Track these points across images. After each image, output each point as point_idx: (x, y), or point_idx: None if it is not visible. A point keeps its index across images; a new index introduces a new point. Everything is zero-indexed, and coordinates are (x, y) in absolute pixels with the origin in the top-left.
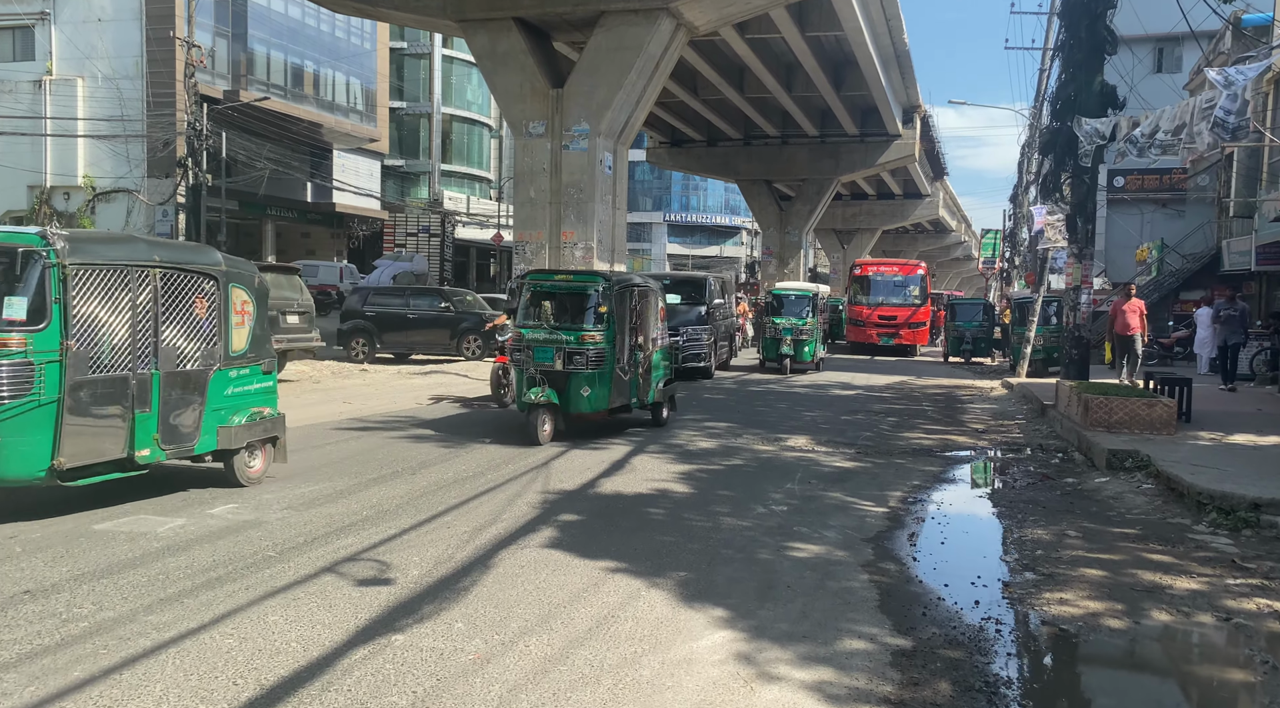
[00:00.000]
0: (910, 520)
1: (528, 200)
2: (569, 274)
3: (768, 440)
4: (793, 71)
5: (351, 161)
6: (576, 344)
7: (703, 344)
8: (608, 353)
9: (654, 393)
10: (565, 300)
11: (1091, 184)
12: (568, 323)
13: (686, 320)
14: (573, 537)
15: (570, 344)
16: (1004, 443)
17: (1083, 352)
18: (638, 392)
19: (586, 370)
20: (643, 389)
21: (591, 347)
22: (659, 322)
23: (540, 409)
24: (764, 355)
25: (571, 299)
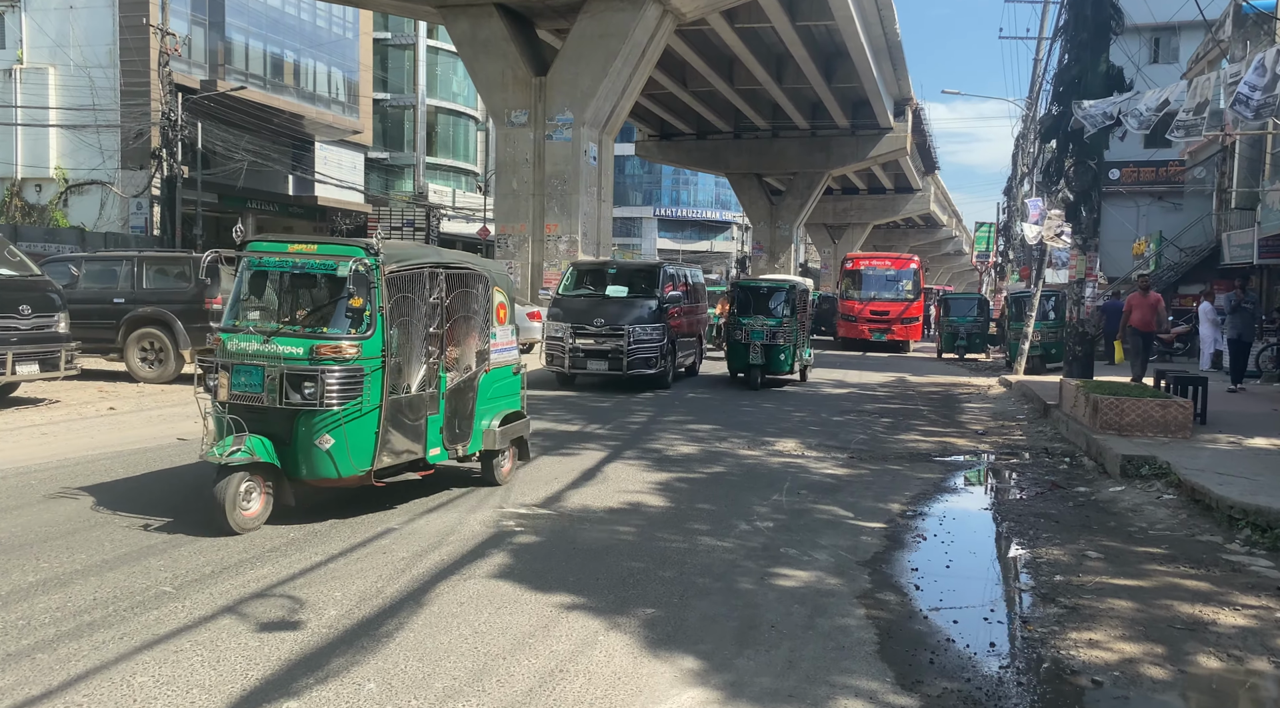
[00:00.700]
0: (910, 539)
1: (510, 192)
2: (311, 243)
3: (753, 444)
4: (783, 63)
5: (334, 154)
6: (306, 361)
7: (653, 346)
8: (369, 376)
9: (478, 437)
10: (302, 287)
11: (1097, 171)
12: (309, 325)
13: (633, 317)
14: (527, 563)
15: (294, 361)
16: (1007, 446)
17: (1087, 348)
18: (446, 434)
19: (321, 409)
20: (455, 431)
21: (333, 367)
22: (493, 325)
23: (237, 474)
24: (730, 365)
25: (309, 284)
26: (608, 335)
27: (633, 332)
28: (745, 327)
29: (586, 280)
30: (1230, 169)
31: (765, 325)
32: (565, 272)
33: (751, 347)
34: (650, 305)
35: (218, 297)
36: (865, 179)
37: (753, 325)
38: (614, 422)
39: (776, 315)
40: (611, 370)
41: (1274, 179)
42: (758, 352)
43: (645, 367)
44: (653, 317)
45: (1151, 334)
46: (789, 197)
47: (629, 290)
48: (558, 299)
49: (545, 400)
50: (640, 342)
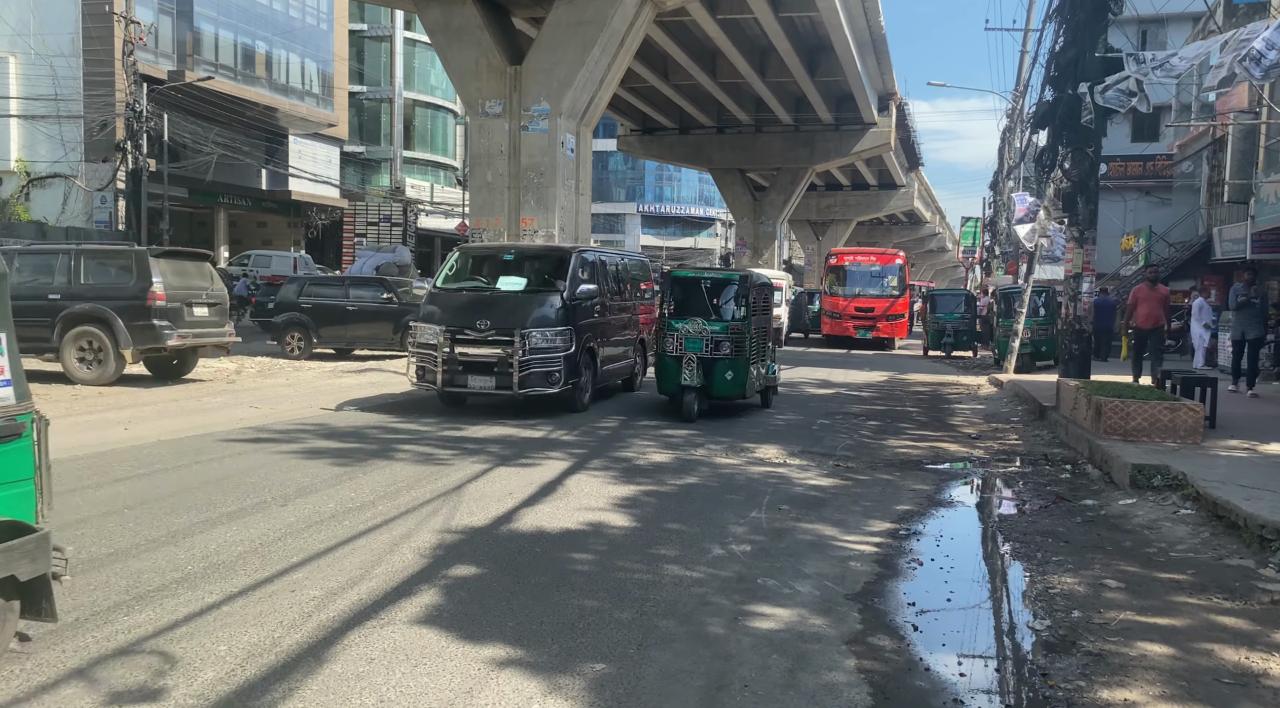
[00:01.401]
0: (904, 564)
1: (485, 185)
2: None
3: (732, 451)
4: (766, 56)
5: (309, 148)
6: None
7: (554, 357)
8: None
9: None
10: None
11: (1094, 159)
12: None
13: (531, 317)
14: (461, 603)
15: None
16: (1003, 452)
17: (1084, 347)
18: None
19: None
20: None
21: None
22: None
23: None
24: (659, 386)
25: None
26: (494, 342)
27: (529, 337)
28: (678, 333)
29: (476, 270)
30: (1221, 162)
31: (706, 333)
32: (448, 258)
33: (685, 362)
34: (554, 303)
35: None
36: (849, 175)
37: (689, 332)
38: (581, 427)
39: (723, 318)
40: (500, 389)
41: (1268, 171)
42: (694, 369)
43: (545, 383)
44: (558, 318)
45: (1160, 331)
46: (772, 192)
47: (529, 283)
48: (434, 293)
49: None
50: (539, 351)
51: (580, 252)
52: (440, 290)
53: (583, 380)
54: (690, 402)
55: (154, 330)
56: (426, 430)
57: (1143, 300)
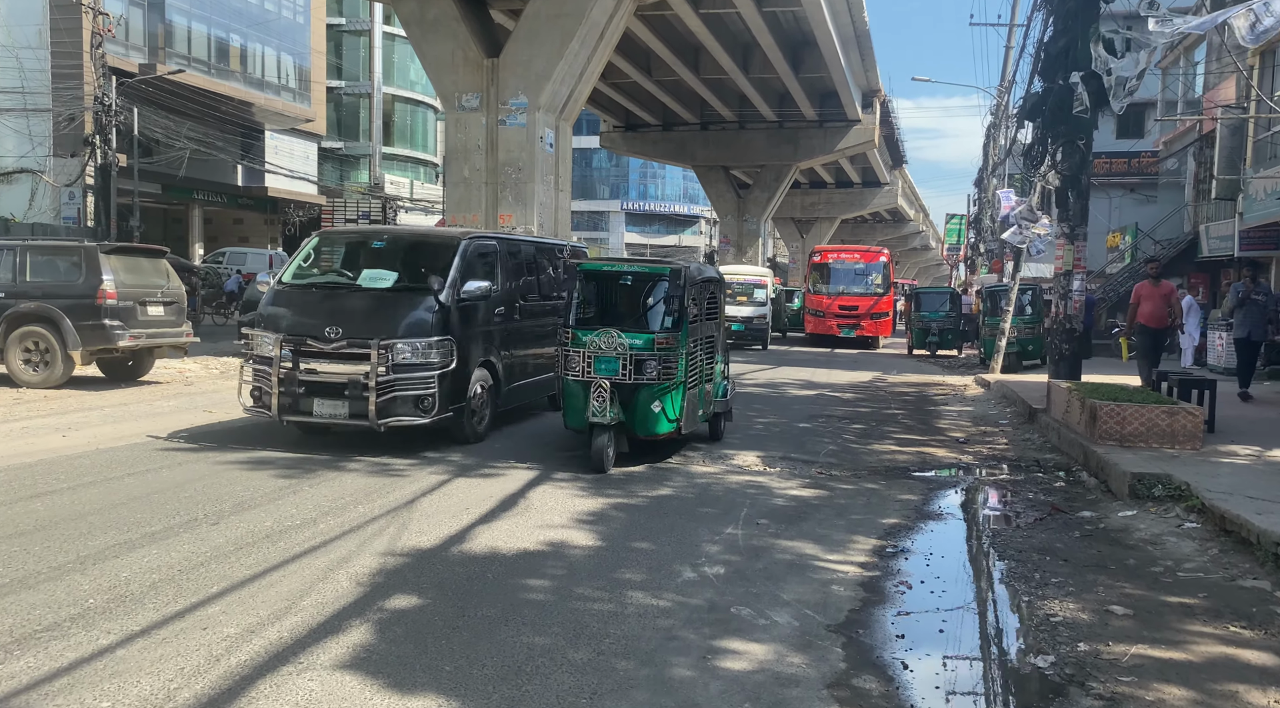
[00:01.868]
0: (892, 588)
1: (461, 180)
2: None
3: (710, 458)
4: (750, 52)
5: (285, 143)
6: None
7: (426, 377)
8: None
9: None
10: None
11: (1085, 152)
12: None
13: (397, 324)
14: (394, 642)
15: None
16: (992, 458)
17: (1075, 347)
18: None
19: None
20: None
21: None
22: None
23: None
24: (565, 419)
25: None
26: (347, 356)
27: (392, 350)
28: (585, 349)
29: (340, 262)
30: (1208, 159)
31: (623, 348)
32: (303, 245)
33: (595, 389)
34: (428, 305)
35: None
36: (833, 173)
37: (600, 348)
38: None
39: (649, 328)
40: (353, 418)
41: (1257, 167)
42: (606, 399)
43: (414, 411)
44: (434, 324)
45: (1164, 332)
46: (756, 190)
47: (400, 279)
48: (278, 291)
49: None
50: (405, 368)
51: (475, 238)
52: (286, 287)
53: (476, 403)
54: (602, 446)
55: (105, 330)
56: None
57: (1145, 298)
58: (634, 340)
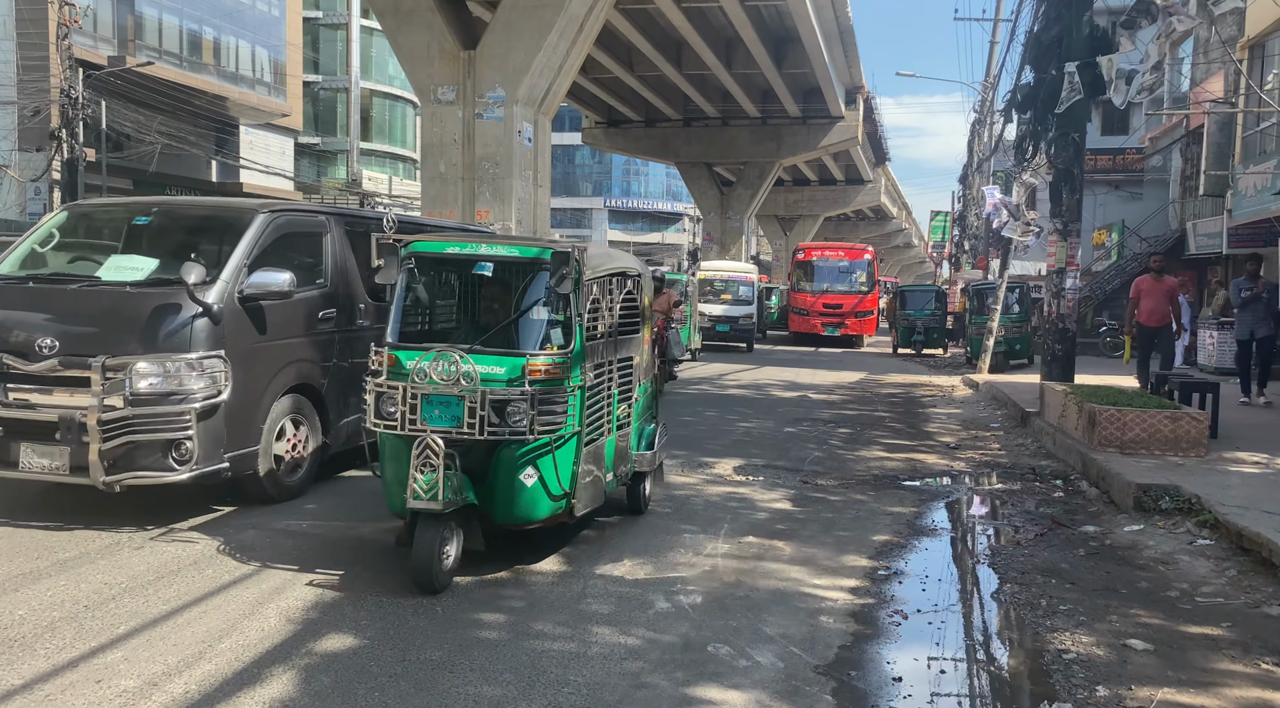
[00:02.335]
0: (885, 618)
1: (437, 175)
2: None
3: (688, 466)
4: (733, 47)
5: (261, 138)
6: None
7: (185, 408)
8: None
9: None
10: None
11: (1080, 144)
12: None
13: (140, 335)
14: (320, 696)
15: None
16: (986, 465)
17: (1068, 347)
18: None
19: None
20: None
21: None
22: None
23: None
24: (387, 495)
25: None
26: (63, 380)
27: (129, 373)
28: (407, 384)
29: (80, 244)
30: (1195, 155)
31: (471, 383)
32: (44, 220)
33: (421, 452)
34: (186, 308)
35: None
36: (816, 170)
37: (431, 380)
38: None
39: (515, 348)
40: (76, 472)
41: (1246, 163)
42: (434, 467)
43: (162, 463)
44: (201, 335)
45: (1167, 331)
46: (739, 187)
47: (159, 269)
48: None
49: None
50: (149, 400)
51: (281, 211)
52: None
53: (285, 447)
54: (427, 549)
55: None
56: None
57: (1146, 294)
58: (490, 369)
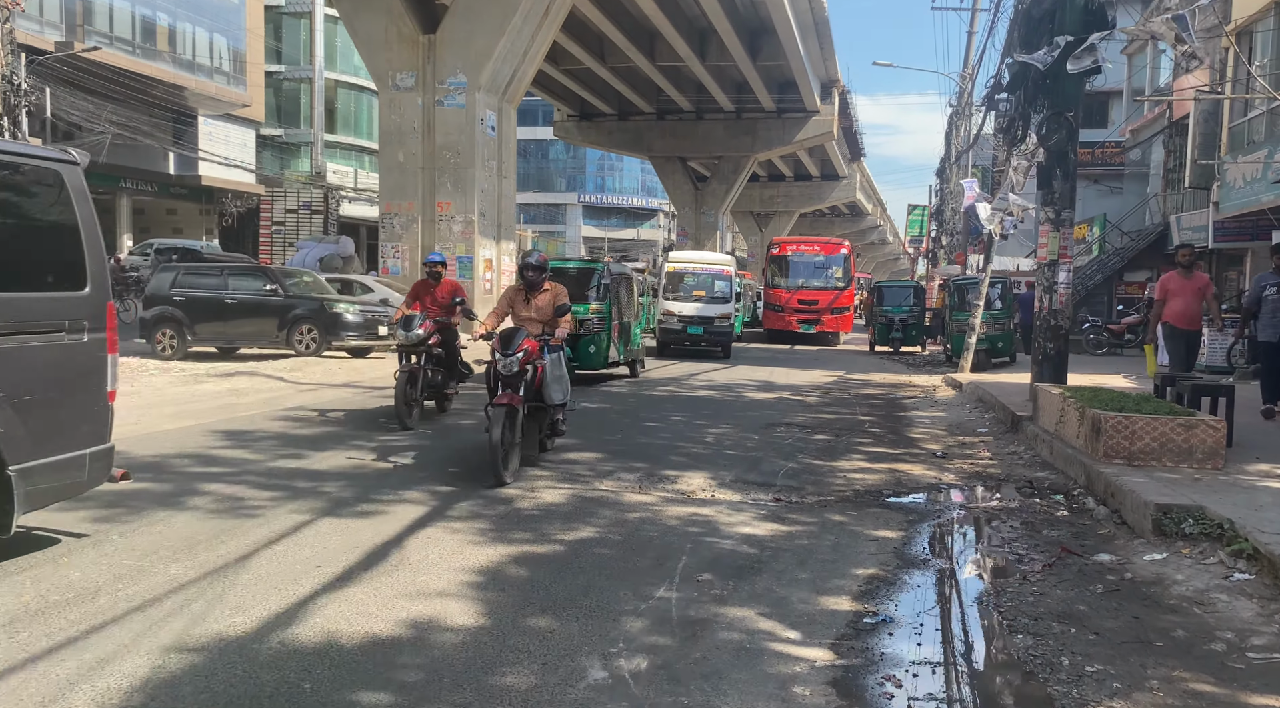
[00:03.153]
0: (874, 689)
1: (396, 165)
2: None
3: (648, 482)
4: (706, 38)
5: (221, 129)
6: None
7: None
8: None
9: None
10: None
11: (1073, 126)
12: None
13: None
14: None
15: None
16: (977, 476)
17: (1060, 345)
18: None
19: None
20: None
21: None
22: None
23: None
24: None
25: None
26: None
27: None
28: None
29: None
30: (1178, 147)
31: None
32: None
33: None
34: None
35: None
36: (792, 166)
37: None
38: (478, 442)
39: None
40: None
41: (1234, 153)
42: None
43: None
44: None
45: (1198, 335)
46: (714, 181)
47: None
48: None
49: None
50: None
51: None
52: None
53: None
54: None
55: None
56: (255, 460)
57: (1175, 293)
58: None
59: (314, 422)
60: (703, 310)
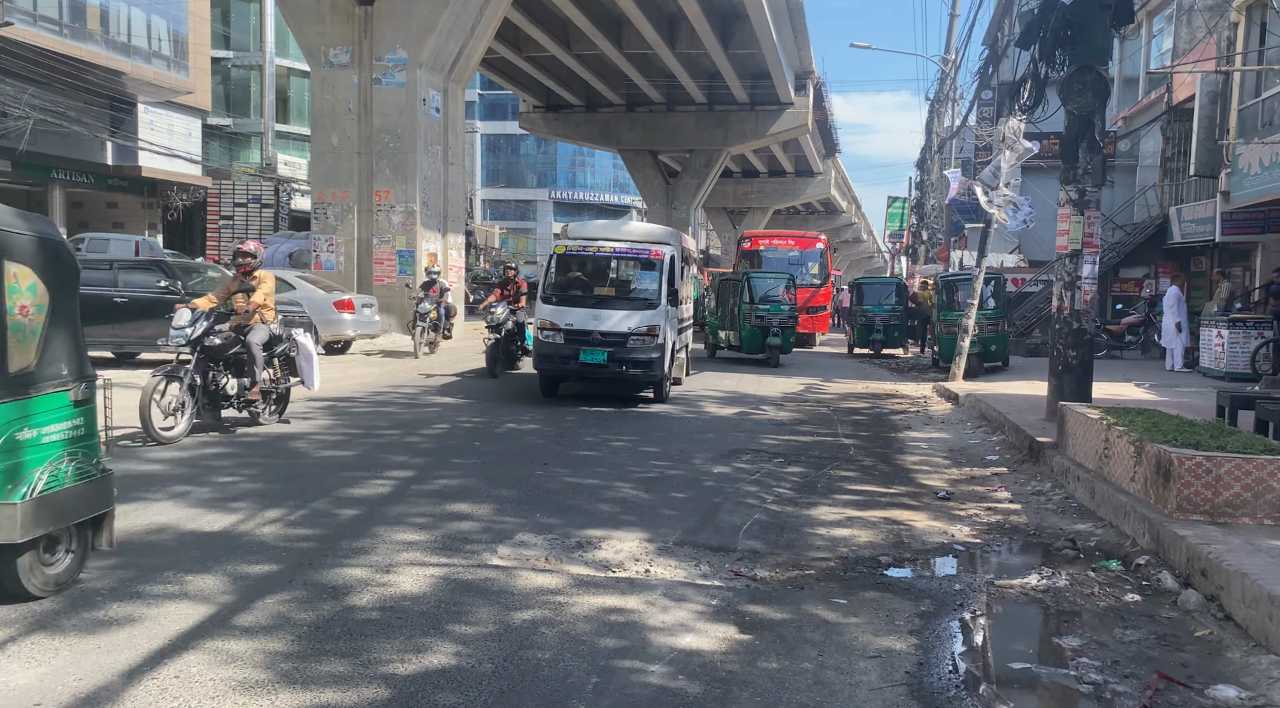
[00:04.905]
0: None
1: (329, 149)
2: None
3: (560, 549)
4: (676, 24)
5: (163, 118)
6: None
7: None
8: None
9: None
10: None
11: (1102, 82)
12: None
13: None
14: None
15: None
16: (1000, 530)
17: (1084, 353)
18: None
19: None
20: None
21: None
22: None
23: None
24: None
25: None
26: None
27: None
28: None
29: None
30: (1177, 134)
31: None
32: None
33: None
34: None
35: None
36: (766, 161)
37: None
38: (310, 492)
39: None
40: None
41: (1248, 136)
42: None
43: None
44: None
45: None
46: (685, 176)
47: None
48: None
49: None
50: None
51: None
52: None
53: None
54: None
55: None
56: None
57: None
58: None
59: None
60: (606, 321)
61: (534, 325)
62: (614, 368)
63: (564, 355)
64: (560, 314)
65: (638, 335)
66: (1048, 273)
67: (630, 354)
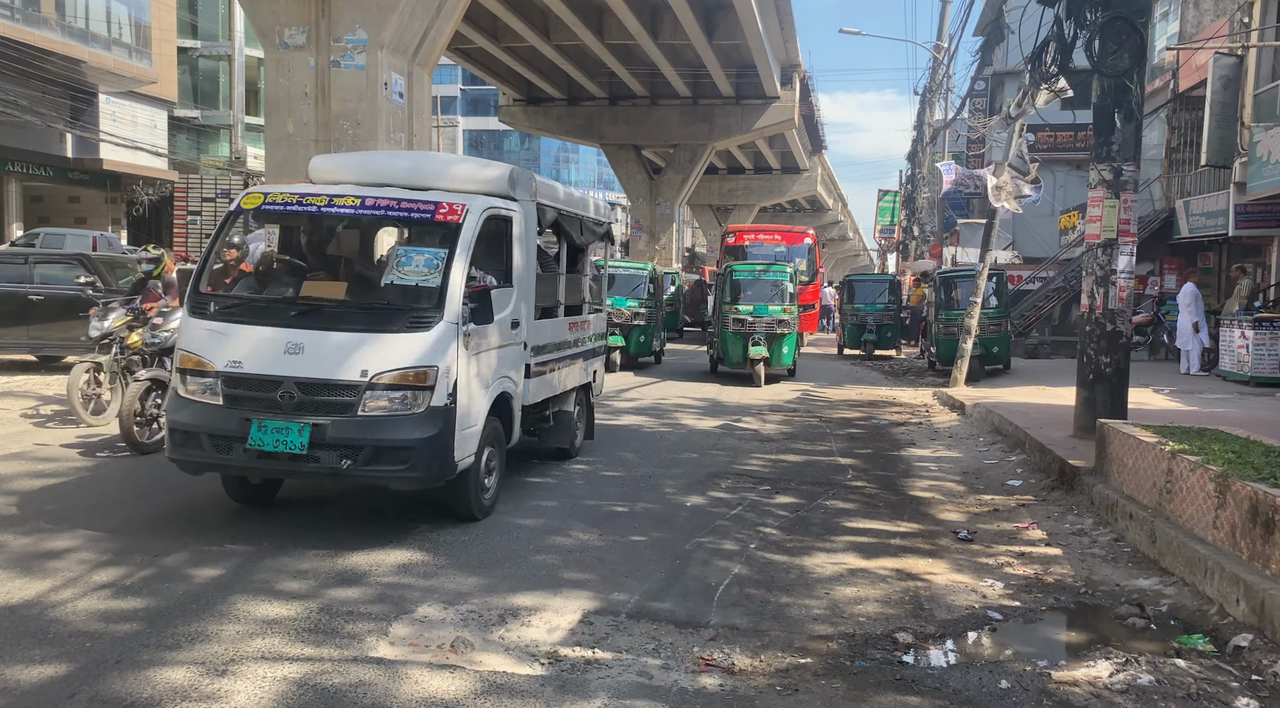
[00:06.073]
0: None
1: (284, 137)
2: None
3: (473, 626)
4: (659, 14)
5: (127, 109)
6: None
7: None
8: None
9: None
10: None
11: (1142, 39)
12: None
13: None
14: None
15: None
16: (1042, 589)
17: (1120, 360)
18: None
19: None
20: None
21: None
22: None
23: None
24: None
25: None
26: None
27: None
28: None
29: None
30: (1184, 123)
31: None
32: None
33: None
34: None
35: None
36: (751, 157)
37: None
38: (168, 540)
39: None
40: None
41: (1262, 124)
42: None
43: None
44: None
45: None
46: (670, 171)
47: None
48: None
49: None
50: None
51: None
52: None
53: None
54: None
55: None
56: None
57: None
58: None
59: None
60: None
61: (172, 366)
62: (325, 462)
63: (218, 434)
64: (220, 340)
65: (383, 389)
66: (1045, 270)
67: (363, 434)
